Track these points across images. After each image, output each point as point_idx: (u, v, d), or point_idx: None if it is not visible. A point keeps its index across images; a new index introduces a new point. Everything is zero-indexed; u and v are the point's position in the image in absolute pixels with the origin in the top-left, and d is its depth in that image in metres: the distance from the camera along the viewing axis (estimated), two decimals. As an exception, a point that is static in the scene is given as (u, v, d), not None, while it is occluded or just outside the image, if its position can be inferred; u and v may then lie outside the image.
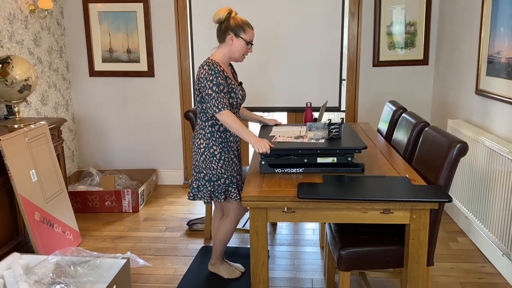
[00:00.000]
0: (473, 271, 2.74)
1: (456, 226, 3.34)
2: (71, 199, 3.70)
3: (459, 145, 1.99)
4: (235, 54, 2.43)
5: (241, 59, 2.48)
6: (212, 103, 2.31)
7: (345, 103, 4.24)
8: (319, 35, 4.05)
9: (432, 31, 4.03)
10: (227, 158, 2.45)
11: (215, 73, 2.31)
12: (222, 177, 2.46)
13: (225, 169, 2.45)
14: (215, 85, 2.31)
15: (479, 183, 2.93)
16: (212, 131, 2.43)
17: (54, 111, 3.99)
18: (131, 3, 4.07)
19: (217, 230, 2.65)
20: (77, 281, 2.25)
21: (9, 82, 2.87)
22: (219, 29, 2.44)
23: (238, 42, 2.40)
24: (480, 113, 3.13)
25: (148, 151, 4.42)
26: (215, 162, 2.43)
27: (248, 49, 2.46)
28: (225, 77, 2.38)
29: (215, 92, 2.30)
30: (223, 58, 2.45)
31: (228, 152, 2.46)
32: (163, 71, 4.23)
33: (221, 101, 2.30)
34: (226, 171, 2.46)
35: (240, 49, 2.42)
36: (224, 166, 2.45)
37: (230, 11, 2.42)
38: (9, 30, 3.32)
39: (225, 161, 2.45)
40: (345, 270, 2.06)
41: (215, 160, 2.43)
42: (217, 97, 2.30)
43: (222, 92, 2.32)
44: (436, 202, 1.86)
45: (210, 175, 2.45)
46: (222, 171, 2.45)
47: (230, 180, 2.48)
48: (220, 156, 2.43)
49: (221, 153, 2.43)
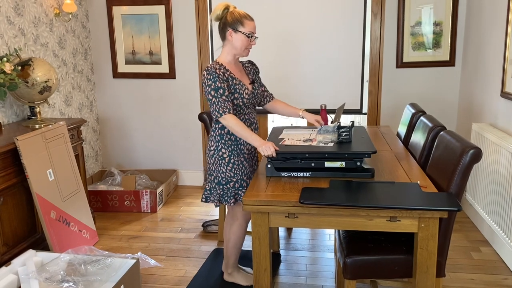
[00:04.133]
0: (494, 283, 2.60)
1: (480, 235, 3.19)
2: (92, 199, 3.80)
3: (472, 151, 1.89)
4: (237, 50, 2.36)
5: (245, 53, 2.39)
6: (213, 108, 2.29)
7: (367, 105, 4.14)
8: (340, 36, 3.97)
9: (459, 31, 3.87)
10: (236, 161, 2.41)
11: (213, 78, 2.27)
12: (231, 180, 2.42)
13: (234, 172, 2.42)
14: (213, 90, 2.27)
15: (503, 191, 2.78)
16: (221, 133, 2.40)
17: (78, 111, 4.09)
18: (153, 5, 4.12)
19: (228, 235, 2.60)
20: (86, 280, 2.29)
21: (30, 84, 2.96)
22: (219, 26, 2.38)
23: (238, 36, 2.33)
24: (505, 117, 2.97)
25: (169, 152, 4.47)
26: (224, 165, 2.41)
27: (251, 42, 2.36)
28: (227, 78, 2.33)
29: (214, 97, 2.27)
30: (228, 56, 2.39)
31: (238, 155, 2.42)
32: (184, 73, 4.26)
33: (221, 106, 2.27)
34: (236, 174, 2.42)
35: (241, 44, 2.34)
36: (233, 169, 2.41)
37: (227, 6, 2.35)
38: (34, 33, 3.43)
39: (234, 165, 2.41)
40: (351, 278, 2.00)
41: (224, 163, 2.40)
42: (217, 101, 2.27)
43: (223, 96, 2.28)
44: (445, 210, 1.78)
45: (219, 178, 2.43)
46: (232, 175, 2.41)
47: (240, 184, 2.44)
48: (229, 159, 2.40)
49: (230, 156, 2.40)
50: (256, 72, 2.58)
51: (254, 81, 2.51)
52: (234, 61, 2.43)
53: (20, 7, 3.28)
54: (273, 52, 4.05)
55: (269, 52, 4.04)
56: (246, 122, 2.44)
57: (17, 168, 2.68)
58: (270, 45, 4.06)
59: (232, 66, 2.42)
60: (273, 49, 4.06)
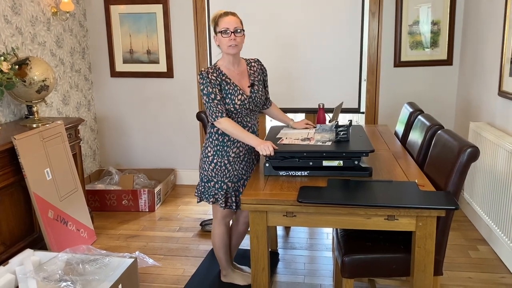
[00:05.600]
0: (491, 281, 2.61)
1: (478, 234, 3.20)
2: (90, 198, 3.79)
3: (469, 149, 1.89)
4: (224, 50, 2.33)
5: (231, 50, 2.30)
6: (208, 113, 2.33)
7: (365, 104, 4.14)
8: (338, 35, 3.97)
9: (457, 30, 3.88)
10: (219, 162, 2.41)
11: (204, 82, 2.30)
12: (211, 180, 2.44)
13: (216, 173, 2.42)
14: (205, 95, 2.30)
15: (500, 190, 2.79)
16: (211, 132, 2.43)
17: (76, 111, 4.08)
18: (151, 4, 4.11)
19: (212, 238, 2.59)
20: (84, 279, 2.28)
21: (27, 83, 2.95)
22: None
23: (218, 37, 2.32)
24: (503, 116, 2.98)
25: (167, 151, 4.46)
26: (207, 164, 2.43)
27: (229, 38, 2.27)
28: (219, 83, 2.32)
29: (207, 102, 2.30)
30: (223, 59, 2.39)
31: (221, 157, 2.40)
32: (181, 72, 4.25)
33: (214, 110, 2.29)
34: (216, 175, 2.42)
35: (224, 43, 2.30)
36: (215, 169, 2.42)
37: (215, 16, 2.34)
38: (31, 32, 3.42)
39: (217, 165, 2.41)
40: (349, 277, 2.00)
41: (208, 162, 2.43)
42: (210, 106, 2.30)
43: (215, 100, 2.29)
44: (442, 209, 1.78)
45: (202, 175, 2.49)
46: (212, 174, 2.43)
47: (220, 185, 2.43)
48: (212, 159, 2.42)
49: (214, 156, 2.41)
50: (261, 73, 2.51)
51: (253, 84, 2.41)
52: (232, 63, 2.38)
53: (17, 6, 3.27)
54: (270, 52, 4.05)
55: (266, 51, 4.04)
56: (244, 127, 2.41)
57: (15, 168, 2.67)
58: (268, 44, 4.06)
59: (231, 68, 2.38)
60: (270, 49, 4.06)
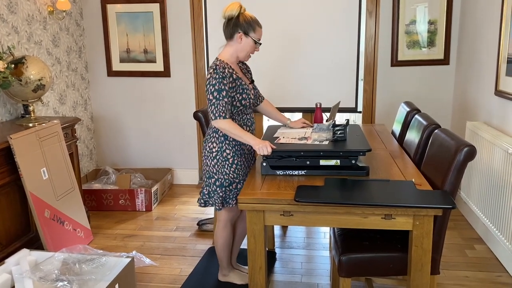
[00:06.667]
0: (488, 280, 2.62)
1: (474, 233, 3.21)
2: (87, 197, 3.78)
3: (466, 148, 1.89)
4: (242, 53, 2.34)
5: (247, 58, 2.39)
6: (211, 109, 2.22)
7: (362, 103, 4.14)
8: (335, 34, 3.97)
9: (453, 29, 3.88)
10: (239, 162, 2.36)
11: (219, 77, 2.20)
12: (234, 181, 2.37)
13: (237, 173, 2.36)
14: (216, 91, 2.20)
15: (497, 189, 2.80)
16: (215, 128, 2.34)
17: (72, 110, 4.07)
18: (147, 3, 4.10)
19: (215, 238, 2.56)
20: (80, 279, 2.27)
21: (23, 82, 2.94)
22: (228, 26, 2.31)
23: (247, 41, 2.30)
24: (500, 115, 2.99)
25: (163, 151, 4.46)
26: (228, 167, 2.34)
27: (256, 49, 2.36)
28: (234, 79, 2.28)
29: (215, 99, 2.20)
30: (231, 57, 2.35)
31: (240, 155, 2.37)
32: (178, 71, 4.24)
33: (221, 109, 2.20)
34: (238, 175, 2.37)
35: (248, 49, 2.33)
36: (236, 170, 2.36)
37: (241, 6, 2.30)
38: (27, 31, 3.40)
39: (238, 165, 2.36)
40: (346, 276, 2.00)
41: (228, 165, 2.34)
42: (217, 103, 2.20)
43: (226, 98, 2.21)
44: (439, 208, 1.78)
45: (222, 180, 2.36)
46: (235, 176, 2.36)
47: (242, 184, 2.37)
48: (233, 160, 2.34)
49: (234, 157, 2.34)
50: (249, 72, 2.56)
51: (253, 80, 2.50)
52: (236, 62, 2.40)
53: (13, 5, 3.25)
54: (268, 51, 4.04)
55: (264, 51, 4.02)
56: (247, 122, 2.41)
57: (11, 167, 2.66)
58: (265, 44, 4.04)
59: (235, 66, 2.39)
60: (268, 48, 4.05)
